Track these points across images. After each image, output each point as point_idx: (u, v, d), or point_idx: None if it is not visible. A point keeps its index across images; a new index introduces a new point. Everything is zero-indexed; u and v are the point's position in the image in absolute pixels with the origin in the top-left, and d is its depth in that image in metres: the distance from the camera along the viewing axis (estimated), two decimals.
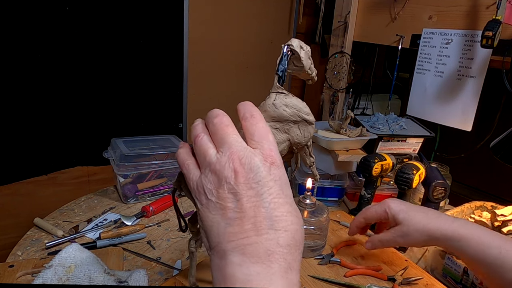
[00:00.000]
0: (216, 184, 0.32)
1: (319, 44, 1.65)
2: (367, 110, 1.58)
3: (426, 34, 1.16)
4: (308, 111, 0.50)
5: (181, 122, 1.48)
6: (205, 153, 0.34)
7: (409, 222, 0.57)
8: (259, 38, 1.62)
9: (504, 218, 0.75)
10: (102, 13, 1.17)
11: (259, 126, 0.35)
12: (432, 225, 0.55)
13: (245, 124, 0.35)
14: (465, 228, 0.53)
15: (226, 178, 0.31)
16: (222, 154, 0.32)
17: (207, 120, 0.37)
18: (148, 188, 1.02)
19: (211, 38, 1.47)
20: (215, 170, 0.32)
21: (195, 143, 0.35)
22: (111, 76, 1.26)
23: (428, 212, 0.58)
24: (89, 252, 0.61)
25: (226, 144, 0.33)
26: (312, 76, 0.53)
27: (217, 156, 0.33)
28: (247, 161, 0.32)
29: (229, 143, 0.33)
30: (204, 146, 0.34)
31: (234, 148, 0.32)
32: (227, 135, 0.33)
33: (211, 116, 0.36)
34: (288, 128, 0.50)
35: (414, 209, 0.59)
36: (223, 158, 0.32)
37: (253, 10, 1.55)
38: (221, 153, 0.33)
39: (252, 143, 0.34)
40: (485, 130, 1.10)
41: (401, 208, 0.59)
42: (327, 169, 1.08)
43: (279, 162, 0.33)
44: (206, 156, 0.33)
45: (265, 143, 0.33)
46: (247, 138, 0.34)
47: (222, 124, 0.34)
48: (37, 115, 1.14)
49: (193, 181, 0.34)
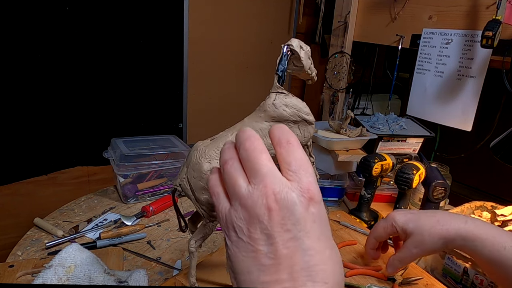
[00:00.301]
0: (247, 221, 0.29)
1: (319, 44, 1.65)
2: (367, 110, 1.58)
3: (426, 34, 1.16)
4: (308, 111, 0.50)
5: (181, 122, 1.48)
6: (234, 183, 0.30)
7: (421, 229, 0.53)
8: (259, 38, 1.62)
9: (504, 218, 0.75)
10: (102, 13, 1.17)
11: (297, 155, 0.30)
12: (446, 227, 0.52)
13: (280, 151, 0.31)
14: (479, 228, 0.50)
15: (259, 216, 0.28)
16: (255, 187, 0.29)
17: (237, 143, 0.32)
18: (148, 188, 1.01)
19: (211, 38, 1.47)
20: (246, 205, 0.29)
21: (223, 170, 0.32)
22: (111, 76, 1.26)
23: (436, 215, 0.55)
24: (89, 252, 0.61)
25: (258, 175, 0.29)
26: (312, 76, 0.53)
27: (248, 189, 0.29)
28: (282, 196, 0.28)
29: (262, 173, 0.29)
30: (233, 175, 0.30)
31: (268, 180, 0.29)
32: (260, 163, 0.30)
33: (241, 139, 0.32)
34: None
35: (423, 215, 0.56)
36: (255, 191, 0.29)
37: (253, 10, 1.55)
38: (253, 185, 0.29)
39: (288, 174, 0.30)
40: (485, 130, 1.10)
41: (407, 217, 0.56)
42: (327, 169, 1.08)
43: (318, 197, 0.30)
44: (235, 186, 0.30)
45: (303, 175, 0.29)
46: (283, 168, 0.30)
47: (254, 150, 0.30)
48: (37, 115, 1.14)
49: (222, 213, 0.31)
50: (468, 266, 0.68)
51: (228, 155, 0.32)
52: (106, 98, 1.26)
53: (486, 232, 0.50)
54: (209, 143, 0.50)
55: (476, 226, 0.50)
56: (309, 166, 0.31)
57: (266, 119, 0.49)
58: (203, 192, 0.49)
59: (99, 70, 1.22)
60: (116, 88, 1.28)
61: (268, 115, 0.49)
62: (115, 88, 1.28)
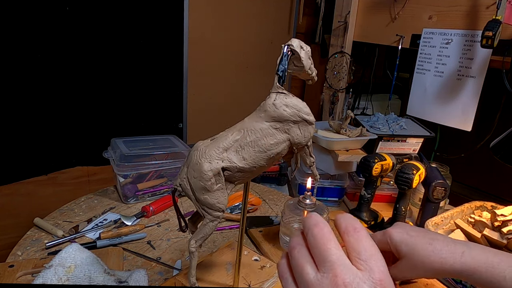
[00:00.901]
0: None
1: (319, 44, 1.65)
2: (367, 110, 1.58)
3: (426, 34, 1.16)
4: (308, 111, 0.50)
5: (181, 122, 1.48)
6: (302, 270, 0.30)
7: (414, 256, 0.50)
8: (259, 38, 1.62)
9: (504, 218, 0.75)
10: (102, 13, 1.17)
11: (366, 243, 0.30)
12: (441, 260, 0.49)
13: (348, 239, 0.31)
14: (477, 260, 0.47)
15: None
16: (324, 275, 0.28)
17: (305, 229, 0.32)
18: (148, 188, 1.01)
19: (211, 38, 1.47)
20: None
21: (291, 256, 0.32)
22: (111, 76, 1.26)
23: (433, 243, 0.50)
24: (89, 252, 0.61)
25: (327, 263, 0.29)
26: (312, 76, 0.53)
27: (317, 277, 0.29)
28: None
29: (331, 261, 0.29)
30: (301, 261, 0.30)
31: (338, 269, 0.28)
32: (329, 251, 0.29)
33: (309, 224, 0.32)
34: (288, 128, 0.49)
35: (420, 240, 0.51)
36: (324, 280, 0.28)
37: (253, 10, 1.55)
38: (322, 273, 0.29)
39: (358, 263, 0.29)
40: (485, 130, 1.10)
41: (403, 238, 0.52)
42: (327, 169, 1.08)
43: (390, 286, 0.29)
44: (303, 274, 0.30)
45: (373, 264, 0.29)
46: (352, 256, 0.30)
47: (323, 237, 0.30)
48: (37, 115, 1.14)
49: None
50: None
51: (296, 241, 0.32)
52: (106, 98, 1.26)
53: (485, 262, 0.46)
54: (209, 143, 0.50)
55: (473, 258, 0.47)
56: (379, 254, 0.30)
57: (266, 119, 0.49)
58: (203, 192, 0.49)
59: (99, 70, 1.22)
60: (116, 88, 1.28)
61: (268, 115, 0.49)
62: (115, 88, 1.28)
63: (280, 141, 0.50)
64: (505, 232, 0.72)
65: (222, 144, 0.49)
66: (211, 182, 0.48)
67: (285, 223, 0.74)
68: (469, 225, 0.81)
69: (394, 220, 0.89)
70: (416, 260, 0.49)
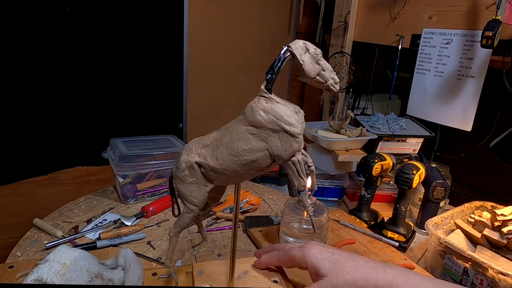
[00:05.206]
0: None
1: (319, 44, 1.65)
2: (367, 110, 1.58)
3: (426, 34, 1.16)
4: (290, 121, 0.44)
5: (181, 122, 1.48)
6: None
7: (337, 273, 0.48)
8: (259, 38, 1.61)
9: (504, 218, 0.74)
10: (102, 13, 1.17)
11: None
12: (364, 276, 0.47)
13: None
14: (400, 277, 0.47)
15: None
16: None
17: None
18: (148, 188, 1.01)
19: (211, 38, 1.47)
20: None
21: None
22: (111, 76, 1.26)
23: (355, 259, 0.50)
24: (80, 250, 0.61)
25: None
26: (327, 85, 0.46)
27: None
28: None
29: None
30: None
31: None
32: None
33: None
34: (265, 136, 0.45)
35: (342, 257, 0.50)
36: None
37: (253, 10, 1.55)
38: None
39: None
40: (485, 130, 1.10)
41: (324, 256, 0.50)
42: (327, 169, 1.08)
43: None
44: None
45: None
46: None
47: None
48: (37, 115, 1.14)
49: None
50: (468, 266, 0.68)
51: None
52: (106, 98, 1.26)
53: (407, 282, 0.46)
54: (196, 139, 0.51)
55: (395, 276, 0.46)
56: None
57: (244, 122, 0.46)
58: (178, 182, 0.51)
59: (99, 70, 1.22)
60: (116, 88, 1.28)
61: (245, 118, 0.46)
62: (115, 88, 1.28)
63: (256, 149, 0.45)
64: (505, 232, 0.72)
65: (204, 140, 0.50)
66: (184, 174, 0.49)
67: (285, 223, 0.74)
68: (469, 225, 0.81)
69: (394, 220, 0.89)
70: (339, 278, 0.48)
